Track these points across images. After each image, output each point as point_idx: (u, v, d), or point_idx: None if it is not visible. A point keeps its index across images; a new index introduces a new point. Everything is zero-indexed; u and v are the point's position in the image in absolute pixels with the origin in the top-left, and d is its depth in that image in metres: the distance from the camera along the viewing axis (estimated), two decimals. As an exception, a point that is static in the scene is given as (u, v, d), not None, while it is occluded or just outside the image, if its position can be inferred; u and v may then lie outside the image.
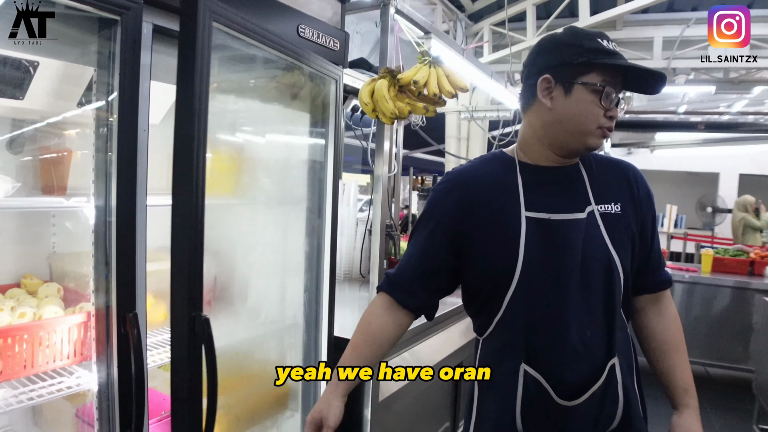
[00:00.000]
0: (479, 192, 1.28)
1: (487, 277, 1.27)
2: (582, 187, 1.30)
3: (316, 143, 1.89)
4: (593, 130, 1.21)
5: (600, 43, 1.19)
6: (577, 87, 1.19)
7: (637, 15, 5.67)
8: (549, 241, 1.24)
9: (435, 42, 2.23)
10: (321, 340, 1.91)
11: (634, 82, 1.25)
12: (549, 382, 1.22)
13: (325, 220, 1.85)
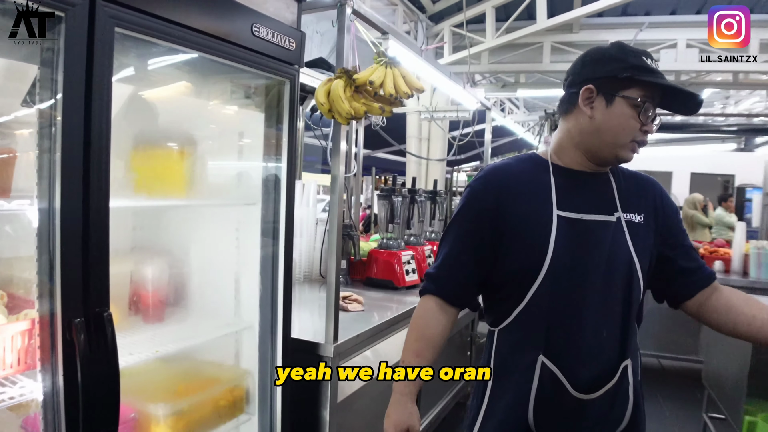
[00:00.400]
0: (514, 188, 1.33)
1: (516, 270, 1.31)
2: (610, 194, 1.36)
3: (272, 143, 1.87)
4: (627, 143, 1.27)
5: (644, 60, 1.26)
6: (618, 100, 1.25)
7: (593, 18, 5.81)
8: (578, 240, 1.30)
9: (393, 43, 2.23)
10: (277, 343, 1.89)
11: (673, 101, 1.30)
12: (565, 376, 1.27)
13: (280, 221, 1.83)
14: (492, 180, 1.36)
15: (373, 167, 8.46)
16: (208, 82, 1.95)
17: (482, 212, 1.34)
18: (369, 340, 2.37)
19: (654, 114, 1.27)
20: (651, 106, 1.25)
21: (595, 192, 1.35)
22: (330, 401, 2.04)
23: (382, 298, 2.91)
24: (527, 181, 1.34)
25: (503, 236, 1.32)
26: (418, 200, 3.34)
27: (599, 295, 1.30)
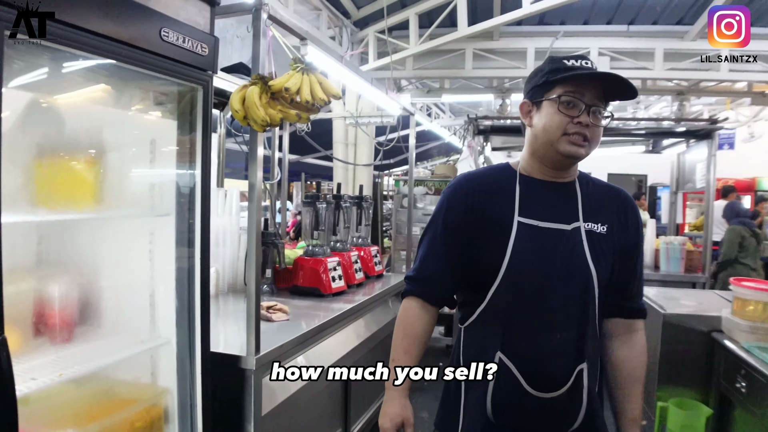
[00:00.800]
0: (483, 195, 1.44)
1: (477, 270, 1.42)
2: (573, 204, 1.43)
3: (185, 151, 1.80)
4: (560, 137, 1.34)
5: (563, 63, 1.35)
6: (544, 104, 1.37)
7: (512, 27, 6.01)
8: (536, 246, 1.38)
9: (311, 48, 2.21)
10: (196, 358, 1.83)
11: (608, 89, 1.36)
12: (521, 374, 1.35)
13: (195, 232, 1.77)
14: (463, 187, 1.48)
15: (303, 173, 8.37)
16: (117, 89, 1.86)
17: (454, 217, 1.45)
18: (295, 349, 2.33)
19: (583, 104, 1.32)
20: (573, 98, 1.32)
21: (557, 201, 1.43)
22: (254, 414, 1.99)
23: (309, 306, 2.87)
24: (495, 189, 1.45)
25: (471, 239, 1.43)
26: (344, 206, 3.32)
27: (557, 300, 1.37)
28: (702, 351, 2.91)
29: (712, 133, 4.88)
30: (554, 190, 1.44)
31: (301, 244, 3.48)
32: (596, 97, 1.33)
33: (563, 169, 1.43)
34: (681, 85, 7.14)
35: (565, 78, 1.32)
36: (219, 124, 3.43)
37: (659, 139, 7.06)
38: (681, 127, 5.25)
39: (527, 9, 4.71)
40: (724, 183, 9.54)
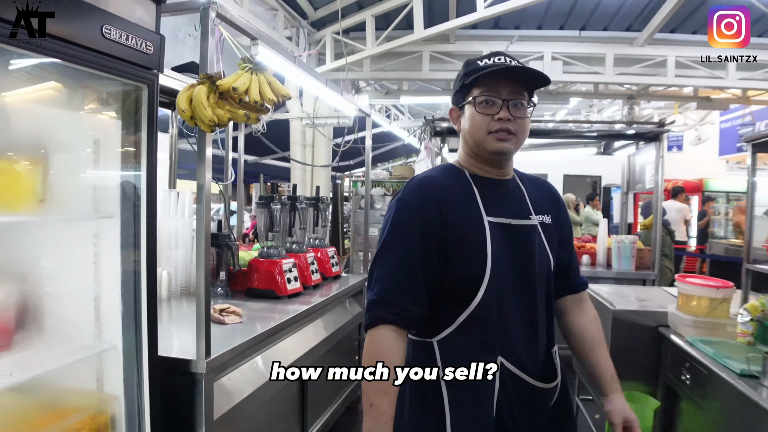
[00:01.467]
0: (448, 197, 1.38)
1: (460, 278, 1.35)
2: (524, 200, 1.48)
3: (130, 152, 1.76)
4: (485, 136, 1.37)
5: (477, 64, 1.39)
6: (466, 107, 1.41)
7: (468, 30, 6.10)
8: (510, 243, 1.40)
9: (263, 48, 2.19)
10: (143, 364, 1.79)
11: (527, 82, 1.38)
12: (524, 372, 1.38)
13: (141, 234, 1.73)
14: (428, 191, 1.40)
15: (262, 175, 8.30)
16: (57, 88, 1.80)
17: (428, 224, 1.35)
18: (249, 351, 2.31)
19: (501, 101, 1.34)
20: (489, 97, 1.35)
21: (511, 197, 1.47)
22: (206, 419, 1.96)
23: (264, 308, 2.84)
24: (456, 191, 1.41)
25: (447, 245, 1.35)
26: (299, 207, 3.30)
27: (533, 293, 1.42)
28: (650, 345, 3.01)
29: (660, 136, 5.06)
30: (503, 187, 1.47)
31: (256, 246, 3.44)
32: (514, 91, 1.35)
33: (501, 167, 1.45)
34: (631, 89, 7.37)
35: (477, 79, 1.35)
36: (171, 124, 3.37)
37: (611, 142, 7.27)
38: (631, 130, 5.43)
39: (481, 13, 4.79)
40: (673, 184, 9.92)
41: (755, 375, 2.13)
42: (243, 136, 3.93)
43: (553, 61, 6.09)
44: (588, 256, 5.43)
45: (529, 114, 1.40)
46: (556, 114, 11.82)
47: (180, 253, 3.01)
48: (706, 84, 6.40)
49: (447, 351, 1.37)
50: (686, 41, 6.16)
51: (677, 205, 8.86)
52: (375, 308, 1.33)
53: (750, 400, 2.01)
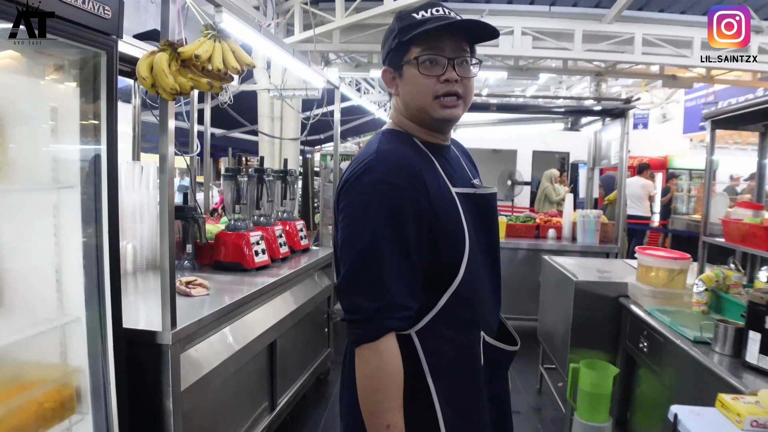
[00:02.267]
0: (422, 174, 1.18)
1: (444, 260, 1.21)
2: (462, 166, 1.37)
3: (90, 122, 1.72)
4: (431, 101, 1.20)
5: (413, 18, 1.20)
6: (405, 68, 1.22)
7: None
8: (476, 213, 1.28)
9: (227, 16, 2.14)
10: (107, 335, 1.77)
11: (470, 34, 1.23)
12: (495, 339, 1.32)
13: (102, 206, 1.70)
14: (409, 168, 1.17)
15: (231, 148, 8.14)
16: (14, 56, 1.74)
17: (419, 206, 1.16)
18: (216, 323, 2.31)
19: (446, 60, 1.19)
20: (433, 56, 1.19)
21: (460, 164, 1.36)
22: (173, 389, 1.97)
23: (232, 281, 2.84)
24: (422, 163, 1.22)
25: (432, 227, 1.19)
26: (267, 180, 3.28)
27: (497, 261, 1.37)
28: (610, 315, 3.11)
29: (626, 113, 5.14)
30: (450, 154, 1.35)
31: (224, 219, 3.41)
32: (458, 47, 1.20)
33: (446, 132, 1.33)
34: (599, 66, 7.45)
35: (415, 37, 1.17)
36: (133, 94, 3.29)
37: (578, 118, 7.36)
38: (597, 106, 5.50)
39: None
40: (639, 161, 10.13)
41: (707, 341, 2.23)
42: (209, 108, 3.86)
43: (522, 36, 6.10)
44: (554, 230, 5.55)
45: (475, 74, 1.25)
46: (526, 90, 11.90)
47: (145, 227, 2.97)
48: (672, 62, 6.51)
49: (429, 341, 1.21)
50: (654, 19, 6.24)
51: (642, 182, 9.07)
52: (379, 315, 1.12)
53: (702, 364, 2.10)
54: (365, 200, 1.15)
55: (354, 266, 1.15)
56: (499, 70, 7.21)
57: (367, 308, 1.12)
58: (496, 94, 10.08)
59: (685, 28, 6.26)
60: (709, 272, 2.69)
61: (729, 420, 1.61)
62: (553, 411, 3.72)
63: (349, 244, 1.17)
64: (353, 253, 1.15)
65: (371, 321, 1.12)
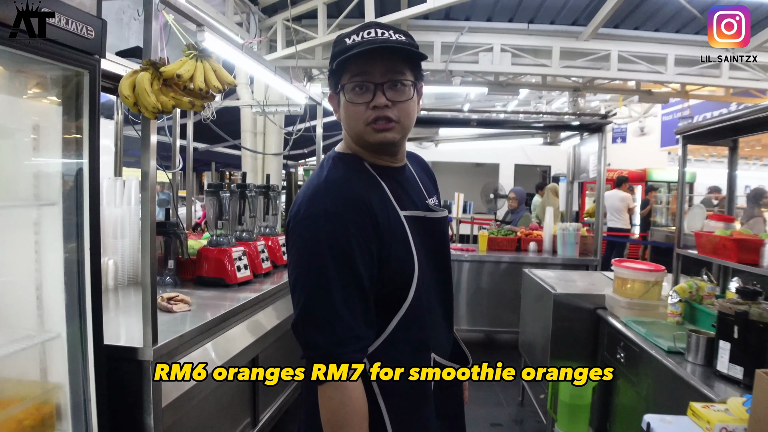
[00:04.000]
0: (369, 202, 1.17)
1: (394, 285, 1.20)
2: (419, 186, 1.36)
3: (72, 139, 1.74)
4: (363, 127, 1.19)
5: (345, 42, 1.18)
6: (340, 94, 1.20)
7: (419, 20, 6.15)
8: (425, 236, 1.27)
9: (209, 35, 2.18)
10: (88, 352, 1.78)
11: (401, 55, 1.19)
12: (447, 359, 1.32)
13: (84, 223, 1.71)
14: (354, 196, 1.16)
15: (214, 162, 8.15)
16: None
17: (366, 235, 1.14)
18: (198, 339, 2.31)
19: (372, 85, 1.16)
20: (360, 82, 1.17)
21: (412, 186, 1.33)
22: (154, 406, 1.96)
23: (214, 296, 2.84)
24: (370, 189, 1.21)
25: (380, 253, 1.17)
26: (249, 195, 3.29)
27: (448, 282, 1.38)
28: (588, 326, 3.17)
29: (603, 127, 5.26)
30: (402, 175, 1.32)
31: (206, 235, 3.41)
32: (389, 70, 1.16)
33: (394, 155, 1.29)
34: (577, 82, 7.60)
35: (343, 62, 1.15)
36: (116, 110, 3.30)
37: (557, 132, 7.49)
38: (576, 121, 5.62)
39: (431, 3, 4.85)
40: (619, 174, 10.30)
41: (681, 351, 2.29)
42: (192, 123, 3.88)
43: (502, 52, 6.21)
44: (535, 243, 5.62)
45: (413, 94, 1.20)
46: (507, 105, 12.07)
47: (126, 242, 2.97)
48: (647, 78, 6.67)
49: (381, 361, 1.20)
50: (629, 36, 6.40)
51: (621, 194, 9.23)
52: (338, 349, 1.10)
53: (675, 374, 2.16)
54: (311, 234, 1.13)
55: (306, 303, 1.12)
56: (480, 85, 7.32)
57: (325, 343, 1.10)
58: (477, 109, 10.23)
59: (660, 45, 6.42)
60: (683, 284, 2.76)
61: (700, 428, 1.65)
62: (535, 423, 3.75)
63: (300, 280, 1.14)
64: (306, 287, 1.13)
65: (330, 356, 1.09)
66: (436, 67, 6.21)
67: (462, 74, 6.51)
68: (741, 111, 2.58)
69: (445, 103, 11.37)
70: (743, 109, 2.57)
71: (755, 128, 2.74)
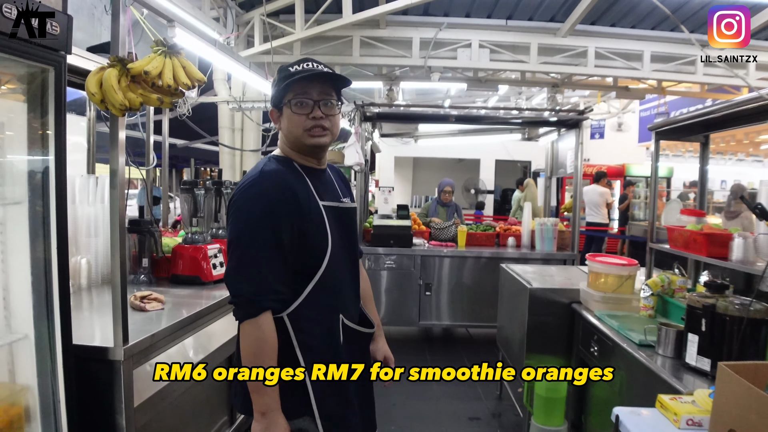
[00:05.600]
0: (294, 188, 1.53)
1: (303, 258, 1.54)
2: (335, 186, 1.74)
3: (38, 136, 1.71)
4: (302, 133, 1.56)
5: (288, 71, 1.57)
6: (284, 108, 1.58)
7: (398, 16, 6.13)
8: (339, 221, 1.65)
9: (179, 31, 2.16)
10: (57, 353, 1.75)
11: (331, 83, 1.58)
12: (354, 323, 1.69)
13: (51, 221, 1.69)
14: (284, 183, 1.52)
15: (193, 159, 8.05)
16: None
17: (289, 212, 1.49)
18: (171, 337, 2.29)
19: (311, 102, 1.54)
20: (302, 99, 1.55)
21: (332, 184, 1.72)
22: (125, 405, 1.95)
23: (189, 294, 2.82)
24: (295, 180, 1.57)
25: (299, 229, 1.52)
26: (225, 192, 3.27)
27: (356, 260, 1.76)
28: (563, 321, 3.21)
29: (580, 123, 5.31)
30: (323, 176, 1.70)
31: (182, 232, 3.38)
32: (323, 91, 1.56)
33: (319, 158, 1.67)
34: (555, 78, 7.65)
35: (289, 84, 1.54)
36: (88, 106, 3.25)
37: (535, 128, 7.54)
38: (553, 117, 5.66)
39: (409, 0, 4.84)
40: (597, 169, 10.40)
41: (651, 345, 2.32)
42: (167, 119, 3.83)
43: (480, 48, 6.22)
44: (513, 238, 5.66)
45: (338, 111, 1.63)
46: (487, 100, 12.11)
47: (100, 241, 2.93)
48: (624, 74, 6.72)
49: (298, 321, 1.55)
50: (606, 33, 6.44)
51: (600, 189, 9.32)
52: (257, 297, 1.44)
53: (646, 367, 2.19)
54: (248, 208, 1.48)
55: (238, 260, 1.47)
56: (459, 81, 7.32)
57: (248, 291, 1.44)
58: (457, 105, 10.25)
59: (636, 41, 6.48)
60: (655, 277, 2.80)
61: (667, 419, 1.69)
62: (512, 416, 3.79)
63: (234, 242, 1.49)
64: (238, 249, 1.47)
65: (251, 302, 1.44)
66: (415, 63, 6.20)
67: (441, 70, 6.49)
68: (711, 108, 2.63)
69: (425, 98, 11.38)
70: (713, 105, 2.62)
71: (725, 124, 2.79)
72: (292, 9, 5.49)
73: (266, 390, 1.46)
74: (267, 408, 1.47)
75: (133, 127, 3.29)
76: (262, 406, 1.47)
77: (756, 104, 2.24)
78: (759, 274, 2.03)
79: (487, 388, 4.27)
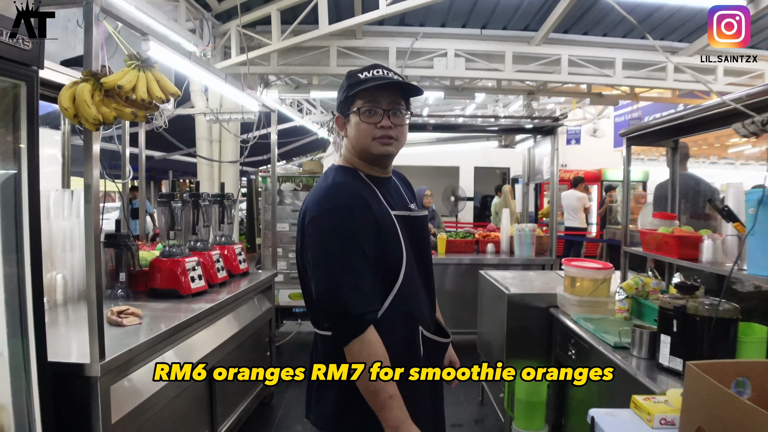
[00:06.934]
0: (368, 200, 1.50)
1: (388, 266, 1.51)
2: (402, 193, 1.71)
3: (9, 151, 1.69)
4: (370, 142, 1.53)
5: (358, 77, 1.53)
6: (351, 116, 1.55)
7: (374, 26, 6.17)
8: (412, 231, 1.62)
9: (154, 44, 2.16)
10: (31, 370, 1.73)
11: (404, 91, 1.56)
12: (432, 333, 1.65)
13: (24, 237, 1.67)
14: (357, 195, 1.49)
15: (171, 171, 7.99)
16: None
17: (368, 224, 1.47)
18: (149, 352, 2.28)
19: (382, 110, 1.51)
20: (371, 107, 1.51)
21: (398, 192, 1.68)
22: (103, 422, 1.93)
23: (167, 308, 2.80)
24: (366, 192, 1.54)
25: (378, 239, 1.49)
26: (203, 204, 3.26)
27: (430, 269, 1.72)
28: (542, 325, 3.25)
29: (555, 129, 5.40)
30: (390, 184, 1.67)
31: (160, 246, 3.36)
32: (393, 101, 1.53)
33: (385, 167, 1.65)
34: (531, 85, 7.76)
35: (360, 92, 1.51)
36: (63, 120, 3.22)
37: (512, 135, 7.63)
38: (529, 124, 5.75)
39: (384, 10, 4.87)
40: (574, 174, 10.56)
41: (626, 346, 2.36)
42: (143, 131, 3.82)
43: (456, 57, 6.28)
44: (492, 244, 5.72)
45: (407, 120, 1.58)
46: (465, 108, 12.23)
47: (76, 255, 2.89)
48: (597, 81, 6.84)
49: (382, 334, 1.46)
50: (578, 41, 6.56)
51: (577, 194, 9.46)
52: (360, 312, 1.41)
53: (621, 368, 2.23)
54: (329, 224, 1.45)
55: (331, 277, 1.42)
56: (436, 90, 7.39)
57: (351, 308, 1.39)
58: (435, 114, 10.34)
59: (608, 49, 6.61)
60: (630, 280, 2.86)
61: (641, 419, 1.72)
62: (494, 421, 3.81)
63: (321, 259, 1.44)
64: (328, 266, 1.43)
65: (355, 319, 1.40)
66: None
67: (418, 79, 6.55)
68: (678, 113, 2.69)
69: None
70: (680, 111, 2.69)
71: (693, 129, 2.86)
72: (269, 20, 5.50)
73: (393, 403, 1.41)
74: (399, 421, 1.41)
75: (109, 139, 3.25)
76: (393, 421, 1.41)
77: (720, 110, 2.30)
78: (727, 274, 2.09)
79: (468, 394, 4.29)
